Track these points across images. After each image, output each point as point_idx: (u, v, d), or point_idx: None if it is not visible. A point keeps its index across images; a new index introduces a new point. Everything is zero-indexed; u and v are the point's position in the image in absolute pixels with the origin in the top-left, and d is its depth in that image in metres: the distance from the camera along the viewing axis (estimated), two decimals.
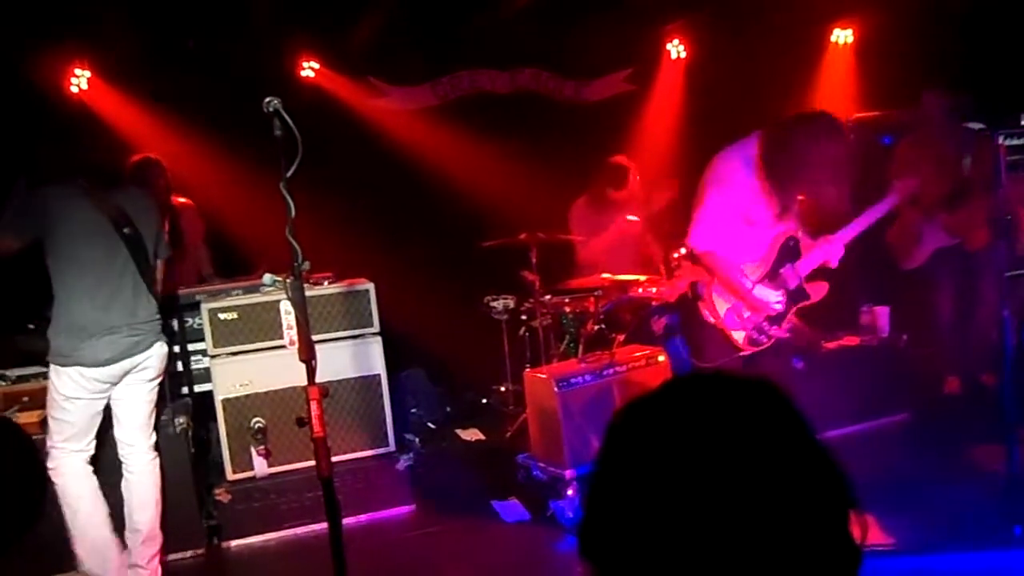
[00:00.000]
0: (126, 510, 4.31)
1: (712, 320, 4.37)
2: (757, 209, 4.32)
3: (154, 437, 4.42)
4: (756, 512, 0.97)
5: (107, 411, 4.27)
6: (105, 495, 4.29)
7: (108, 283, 4.06)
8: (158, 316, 4.32)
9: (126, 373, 4.18)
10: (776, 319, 4.39)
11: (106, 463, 4.34)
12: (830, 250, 4.44)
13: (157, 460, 4.42)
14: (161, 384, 4.46)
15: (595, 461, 1.09)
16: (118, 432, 4.31)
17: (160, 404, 4.54)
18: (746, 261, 4.39)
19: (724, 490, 0.98)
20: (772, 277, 4.39)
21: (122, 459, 4.33)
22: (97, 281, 4.04)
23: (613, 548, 1.04)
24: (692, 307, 4.45)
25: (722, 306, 4.38)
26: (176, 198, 6.14)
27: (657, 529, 0.99)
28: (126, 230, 4.07)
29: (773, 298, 4.34)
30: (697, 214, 4.30)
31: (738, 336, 4.38)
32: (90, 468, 4.23)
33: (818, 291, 4.52)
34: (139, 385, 4.25)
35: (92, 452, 4.23)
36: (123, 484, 4.33)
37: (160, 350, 4.31)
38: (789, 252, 4.45)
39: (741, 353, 4.38)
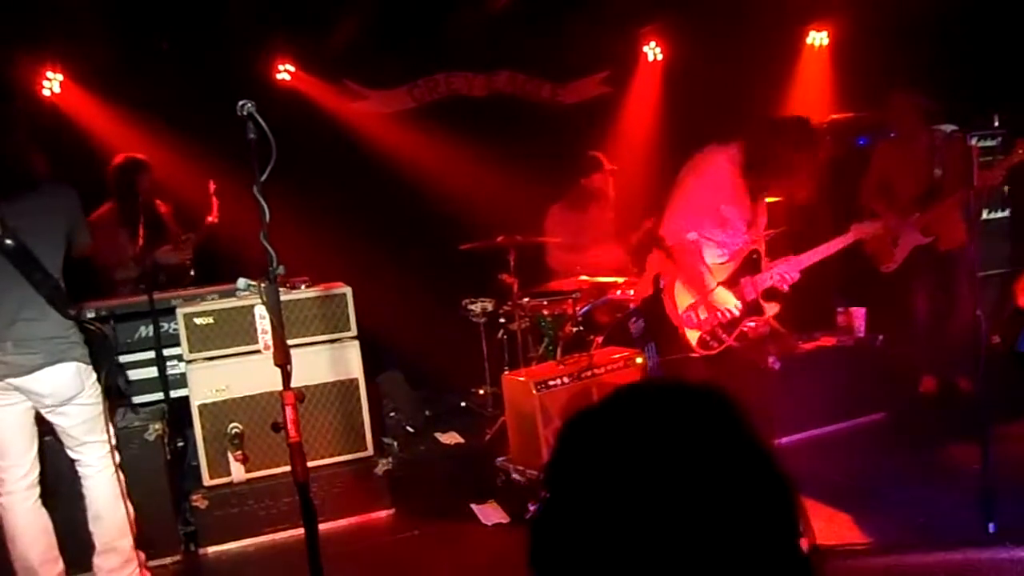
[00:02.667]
0: (88, 521, 4.18)
1: (670, 315, 4.40)
2: (731, 210, 4.36)
3: (105, 448, 4.14)
4: (700, 524, 0.97)
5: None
6: (68, 507, 4.20)
7: None
8: (61, 335, 3.89)
9: (27, 394, 3.90)
10: (729, 326, 4.43)
11: (69, 476, 4.22)
12: (785, 272, 4.48)
13: (109, 471, 4.14)
14: (108, 389, 4.15)
15: (543, 473, 1.09)
16: (65, 447, 4.11)
17: (112, 408, 4.30)
18: (711, 261, 4.42)
19: (668, 502, 0.98)
20: (732, 284, 4.43)
21: (77, 471, 4.15)
22: None
23: (559, 560, 1.04)
24: (655, 304, 4.48)
25: (683, 302, 4.42)
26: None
27: (600, 542, 0.99)
28: (7, 242, 3.71)
29: (732, 303, 4.36)
30: (672, 205, 4.33)
31: (692, 336, 4.41)
32: (32, 496, 4.01)
33: (770, 309, 4.56)
34: (54, 409, 3.98)
35: (27, 472, 3.99)
36: (83, 496, 4.17)
37: (60, 372, 3.88)
38: (751, 264, 4.51)
39: (692, 355, 4.40)
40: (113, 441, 4.20)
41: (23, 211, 3.78)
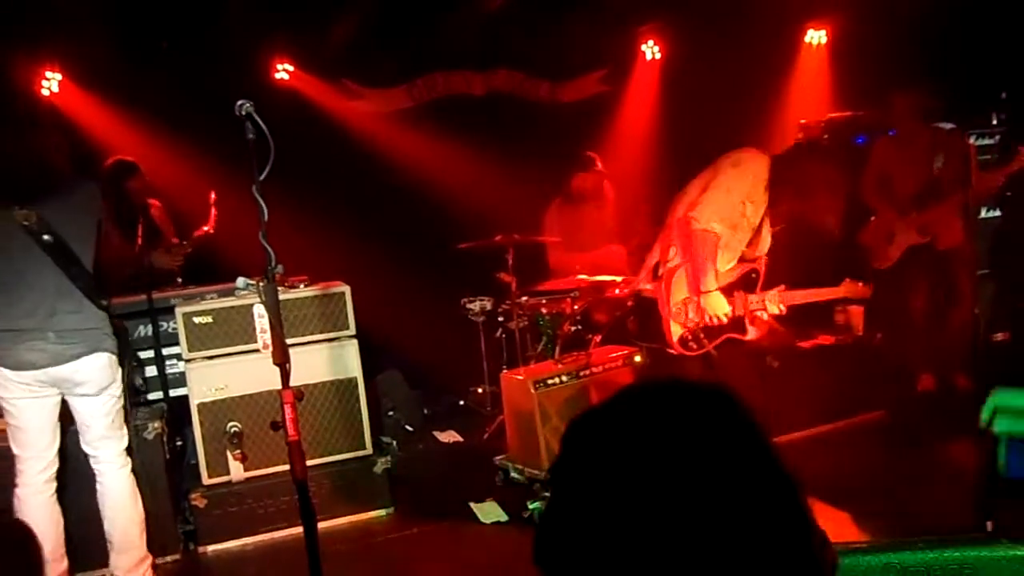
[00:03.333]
0: (103, 519, 4.26)
1: (660, 304, 4.39)
2: (750, 211, 4.37)
3: (123, 445, 4.25)
4: (707, 525, 0.97)
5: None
6: (81, 503, 4.25)
7: (29, 291, 3.90)
8: (97, 326, 4.05)
9: (64, 383, 4.01)
10: (712, 333, 4.43)
11: (83, 472, 4.27)
12: (773, 304, 4.49)
13: (126, 470, 4.25)
14: (130, 391, 4.33)
15: (549, 473, 1.09)
16: (82, 442, 4.19)
17: (131, 410, 4.42)
18: (719, 266, 4.42)
19: (674, 502, 0.98)
20: (727, 293, 4.44)
21: (93, 468, 4.23)
22: (18, 290, 3.90)
23: (564, 559, 1.04)
24: (648, 298, 4.48)
25: (677, 295, 4.41)
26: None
27: (605, 542, 0.99)
28: (45, 237, 3.86)
29: (723, 312, 4.36)
30: (710, 192, 4.32)
31: (675, 331, 4.40)
32: (48, 490, 4.08)
33: (752, 332, 4.55)
34: (86, 398, 4.08)
35: (46, 466, 4.07)
36: (97, 494, 4.24)
37: (96, 362, 4.03)
38: (748, 282, 4.51)
39: (669, 351, 4.41)
40: (126, 441, 4.28)
41: (56, 208, 3.92)
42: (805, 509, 1.04)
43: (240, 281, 3.34)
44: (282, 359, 3.13)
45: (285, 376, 3.14)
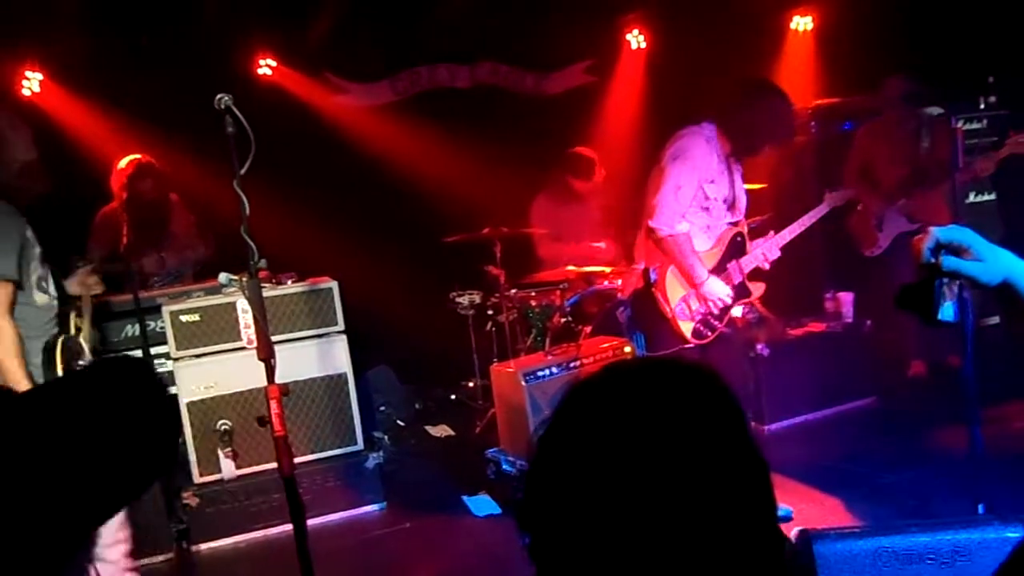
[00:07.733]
0: None
1: (662, 309, 4.37)
2: (713, 189, 4.35)
3: None
4: (678, 498, 0.99)
5: None
6: None
7: None
8: None
9: None
10: (720, 313, 4.42)
11: None
12: (767, 251, 4.48)
13: None
14: None
15: (536, 436, 1.13)
16: None
17: None
18: (700, 249, 4.41)
19: (647, 473, 1.00)
20: (720, 271, 4.42)
21: None
22: None
23: (544, 524, 1.06)
24: (646, 297, 4.45)
25: (675, 294, 4.38)
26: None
27: (582, 508, 1.01)
28: None
29: (723, 292, 4.35)
30: (660, 195, 4.28)
31: (686, 328, 4.38)
32: None
33: (756, 289, 4.56)
34: None
35: None
36: None
37: None
38: (736, 247, 4.49)
39: (687, 345, 4.39)
40: None
41: None
42: (769, 482, 1.07)
43: (223, 277, 3.30)
44: (267, 355, 3.11)
45: (271, 372, 3.13)
